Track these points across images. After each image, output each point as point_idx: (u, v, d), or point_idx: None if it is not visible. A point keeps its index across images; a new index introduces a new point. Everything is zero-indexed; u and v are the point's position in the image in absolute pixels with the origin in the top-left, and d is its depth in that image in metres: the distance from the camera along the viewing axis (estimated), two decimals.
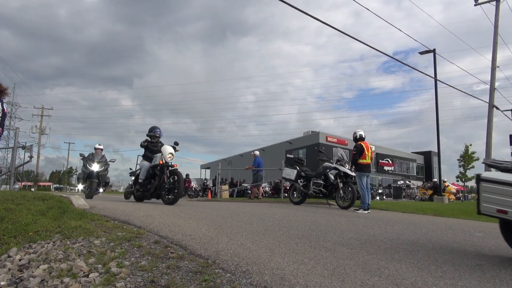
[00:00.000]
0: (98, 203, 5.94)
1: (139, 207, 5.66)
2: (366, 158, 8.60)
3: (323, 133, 43.14)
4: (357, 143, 8.73)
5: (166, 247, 2.85)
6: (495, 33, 16.68)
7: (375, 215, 7.30)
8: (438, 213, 8.96)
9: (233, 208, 6.80)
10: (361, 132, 8.80)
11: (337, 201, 9.01)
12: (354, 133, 8.93)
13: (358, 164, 8.62)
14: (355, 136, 8.87)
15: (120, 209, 5.10)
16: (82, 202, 5.26)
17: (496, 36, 16.64)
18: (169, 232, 3.44)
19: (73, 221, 3.80)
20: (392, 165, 51.03)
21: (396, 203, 14.78)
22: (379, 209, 9.60)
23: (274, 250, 2.92)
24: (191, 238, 3.19)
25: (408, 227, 5.27)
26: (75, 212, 4.35)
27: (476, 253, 3.24)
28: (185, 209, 5.97)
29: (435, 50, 19.21)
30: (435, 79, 17.99)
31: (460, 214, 8.86)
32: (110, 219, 4.17)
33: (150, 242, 3.02)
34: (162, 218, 4.38)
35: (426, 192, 25.08)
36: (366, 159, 8.60)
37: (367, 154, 8.59)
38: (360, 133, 8.79)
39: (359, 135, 8.79)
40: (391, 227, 5.12)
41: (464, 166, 35.57)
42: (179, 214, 5.04)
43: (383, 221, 5.91)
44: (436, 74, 18.72)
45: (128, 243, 3.00)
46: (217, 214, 5.34)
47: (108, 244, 2.99)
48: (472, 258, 3.12)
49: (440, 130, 18.50)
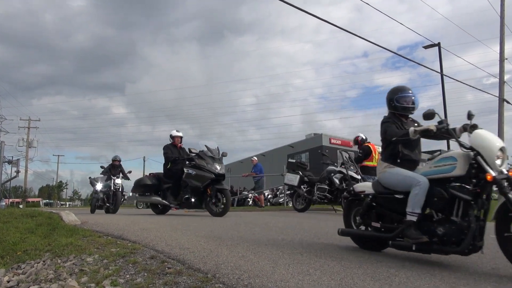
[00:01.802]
0: (90, 218, 5.92)
1: (134, 220, 5.65)
2: (373, 161, 8.65)
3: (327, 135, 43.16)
4: (364, 144, 8.84)
5: (163, 262, 2.83)
6: (502, 24, 16.76)
7: None
8: None
9: (233, 218, 6.78)
10: (363, 136, 9.06)
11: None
12: (357, 137, 9.14)
13: (364, 167, 8.65)
14: (361, 139, 9.04)
15: (113, 223, 5.08)
16: (73, 217, 5.24)
17: (503, 27, 16.72)
18: (166, 246, 3.42)
19: (64, 238, 3.78)
20: None
21: None
22: None
23: (278, 261, 2.90)
24: (189, 252, 3.17)
25: None
26: (66, 228, 4.33)
27: (491, 256, 3.23)
28: (182, 220, 5.96)
29: (440, 44, 19.29)
30: (441, 74, 18.06)
31: None
32: (103, 235, 4.15)
33: (145, 258, 3.00)
34: (158, 231, 4.37)
35: None
36: (373, 161, 8.65)
37: (374, 156, 8.65)
38: (363, 136, 9.03)
39: (362, 138, 8.98)
40: None
41: None
42: (176, 226, 5.02)
43: None
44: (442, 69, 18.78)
45: (122, 259, 2.98)
46: (217, 225, 5.32)
47: (101, 261, 2.97)
48: (487, 261, 3.11)
49: None
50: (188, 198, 7.30)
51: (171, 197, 7.63)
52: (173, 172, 7.73)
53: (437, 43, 19.43)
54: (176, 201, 7.58)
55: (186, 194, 7.33)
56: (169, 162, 7.87)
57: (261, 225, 5.56)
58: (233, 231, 4.72)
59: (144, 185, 8.17)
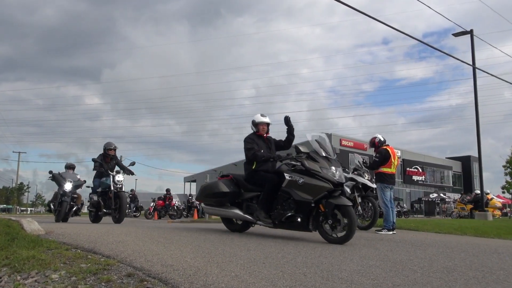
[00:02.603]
0: (56, 227, 5.91)
1: (108, 231, 5.64)
2: (392, 167, 8.65)
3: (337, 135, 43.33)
4: (381, 147, 8.79)
5: (141, 281, 2.83)
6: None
7: (402, 237, 7.30)
8: (480, 233, 8.98)
9: (225, 231, 6.79)
10: (381, 137, 8.95)
11: None
12: (374, 138, 9.05)
13: (380, 174, 8.65)
14: (378, 141, 8.95)
15: (84, 234, 5.07)
16: (36, 226, 5.23)
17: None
18: (146, 262, 3.42)
19: (25, 251, 3.77)
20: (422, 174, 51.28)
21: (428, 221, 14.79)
22: (407, 229, 9.61)
23: (277, 282, 2.91)
24: (173, 270, 3.17)
25: (444, 251, 5.27)
26: (27, 239, 4.32)
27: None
28: (165, 233, 5.95)
29: (473, 32, 19.38)
30: (473, 67, 18.15)
31: (508, 234, 8.89)
32: (71, 247, 4.14)
33: (121, 275, 3.00)
34: (136, 244, 4.36)
35: (465, 207, 25.20)
36: (391, 168, 8.65)
37: (393, 162, 8.64)
38: (381, 138, 8.93)
39: (380, 140, 8.90)
40: (422, 251, 5.12)
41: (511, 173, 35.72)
42: (158, 239, 5.02)
43: (411, 244, 5.91)
44: (474, 61, 18.89)
45: (94, 277, 2.98)
46: (205, 239, 5.32)
47: (68, 278, 2.97)
48: None
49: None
50: (292, 217, 5.91)
51: (261, 212, 6.22)
52: (261, 176, 6.42)
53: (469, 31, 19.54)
54: (270, 219, 6.17)
55: (287, 211, 5.95)
56: (254, 162, 6.56)
57: (258, 239, 5.56)
58: (224, 245, 4.72)
59: (218, 193, 6.69)
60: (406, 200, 46.29)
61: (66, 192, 10.41)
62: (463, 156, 57.76)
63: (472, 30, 19.49)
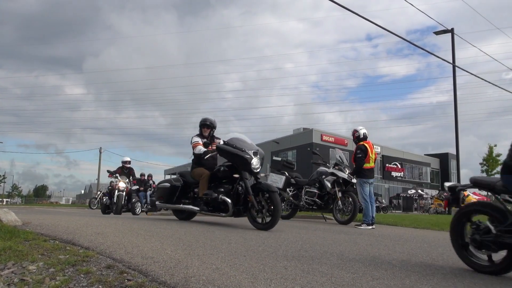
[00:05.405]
0: (33, 218, 5.82)
1: (87, 222, 5.58)
2: (370, 162, 8.76)
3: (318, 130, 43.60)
4: (360, 143, 8.85)
5: (121, 273, 2.81)
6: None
7: (381, 232, 7.41)
8: None
9: (206, 223, 6.78)
10: (364, 130, 8.96)
11: (335, 215, 9.12)
12: (356, 131, 9.04)
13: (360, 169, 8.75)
14: (357, 135, 8.98)
15: (62, 225, 5.01)
16: (13, 217, 5.14)
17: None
18: (126, 254, 3.40)
19: (1, 241, 3.71)
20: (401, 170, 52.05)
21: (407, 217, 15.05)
22: (386, 224, 9.75)
23: (258, 275, 2.92)
24: (153, 262, 3.16)
25: (421, 246, 5.37)
26: (4, 230, 4.26)
27: (503, 276, 3.33)
28: (145, 225, 5.92)
29: (453, 30, 19.68)
30: (453, 65, 18.45)
31: None
32: (49, 238, 4.10)
33: (101, 267, 2.97)
34: (116, 236, 4.33)
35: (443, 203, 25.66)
36: (370, 163, 8.75)
37: (371, 157, 8.74)
38: (364, 131, 8.95)
39: (362, 134, 8.92)
40: (401, 246, 5.21)
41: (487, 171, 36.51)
42: (138, 231, 4.99)
43: (390, 239, 6.00)
44: (454, 59, 19.20)
45: (72, 268, 2.95)
46: (186, 231, 5.31)
47: (46, 270, 2.93)
48: (499, 283, 3.20)
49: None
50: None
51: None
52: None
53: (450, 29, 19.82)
54: None
55: None
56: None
57: (239, 232, 5.57)
58: (205, 238, 4.71)
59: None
60: (385, 196, 47.01)
61: None
62: (441, 153, 58.82)
63: (453, 28, 19.80)
